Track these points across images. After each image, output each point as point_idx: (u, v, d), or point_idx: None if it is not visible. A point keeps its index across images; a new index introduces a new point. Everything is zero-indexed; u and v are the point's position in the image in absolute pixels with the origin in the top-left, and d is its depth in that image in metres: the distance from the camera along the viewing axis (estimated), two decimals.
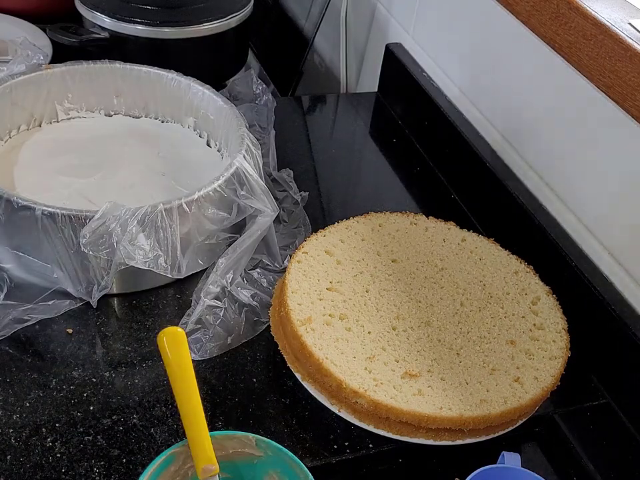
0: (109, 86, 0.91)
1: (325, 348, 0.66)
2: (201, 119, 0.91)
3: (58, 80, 0.87)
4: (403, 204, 0.95)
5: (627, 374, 0.72)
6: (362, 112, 1.13)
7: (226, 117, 0.87)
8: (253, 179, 0.77)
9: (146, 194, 0.82)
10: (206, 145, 0.92)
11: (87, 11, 1.08)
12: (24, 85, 0.84)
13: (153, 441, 0.64)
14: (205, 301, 0.72)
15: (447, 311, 0.73)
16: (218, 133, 0.89)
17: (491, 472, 0.60)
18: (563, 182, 0.82)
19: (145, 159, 0.87)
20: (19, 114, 0.86)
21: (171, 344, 0.55)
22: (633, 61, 0.67)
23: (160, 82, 0.90)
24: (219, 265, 0.74)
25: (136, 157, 0.87)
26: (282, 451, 0.57)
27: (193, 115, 0.91)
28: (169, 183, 0.85)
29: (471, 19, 0.95)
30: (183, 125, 0.93)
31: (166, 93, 0.91)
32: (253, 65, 1.45)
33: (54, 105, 0.89)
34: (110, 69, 0.90)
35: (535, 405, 0.68)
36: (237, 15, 1.13)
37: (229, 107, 0.86)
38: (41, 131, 0.89)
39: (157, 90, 0.91)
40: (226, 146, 0.88)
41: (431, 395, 0.65)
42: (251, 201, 0.76)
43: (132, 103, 0.93)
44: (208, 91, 0.89)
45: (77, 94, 0.90)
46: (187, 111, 0.92)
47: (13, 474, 0.61)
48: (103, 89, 0.91)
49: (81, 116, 0.91)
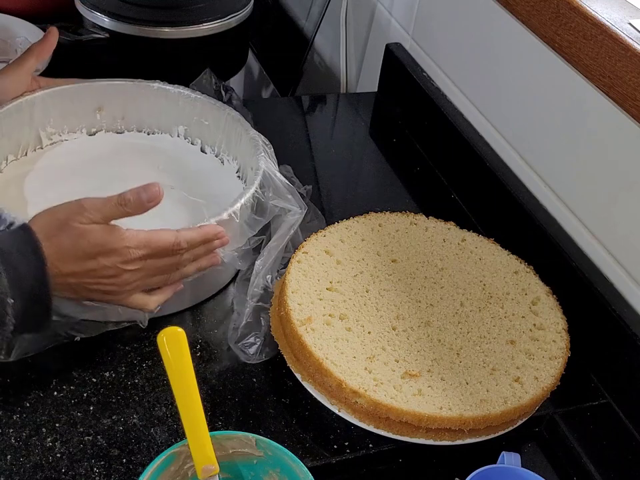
0: (90, 104, 0.87)
1: (325, 348, 0.66)
2: (194, 126, 0.89)
3: (39, 104, 0.83)
4: (403, 204, 0.95)
5: (626, 374, 0.72)
6: (362, 112, 1.13)
7: (226, 121, 0.86)
8: (278, 179, 0.76)
9: (167, 210, 0.78)
10: (200, 151, 0.90)
11: (86, 11, 1.08)
12: (8, 114, 0.80)
13: (152, 440, 0.64)
14: (251, 303, 0.73)
15: (447, 311, 0.73)
16: (215, 138, 0.88)
17: (491, 472, 0.60)
18: (563, 182, 0.82)
19: (149, 174, 0.85)
20: (6, 145, 0.82)
21: (171, 344, 0.55)
22: (633, 60, 0.67)
23: (144, 93, 0.88)
24: (258, 267, 0.74)
25: (138, 174, 0.84)
26: (282, 451, 0.57)
27: (183, 123, 0.89)
28: (181, 195, 0.83)
29: (470, 19, 0.95)
30: (171, 134, 0.90)
31: (150, 104, 0.88)
32: (252, 65, 1.46)
33: (38, 131, 0.85)
34: (89, 87, 0.86)
35: (535, 404, 0.68)
36: (237, 15, 1.13)
37: (228, 111, 0.85)
38: (32, 161, 0.85)
39: (141, 102, 0.88)
40: (227, 150, 0.87)
41: (431, 395, 0.65)
42: (278, 201, 0.76)
43: (113, 119, 0.89)
44: (200, 96, 0.87)
45: (58, 116, 0.86)
46: (176, 119, 0.89)
47: (13, 474, 0.61)
48: (83, 108, 0.87)
49: (64, 139, 0.88)
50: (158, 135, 0.91)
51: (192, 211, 0.82)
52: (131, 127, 0.91)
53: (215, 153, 0.89)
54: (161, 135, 0.91)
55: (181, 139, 0.90)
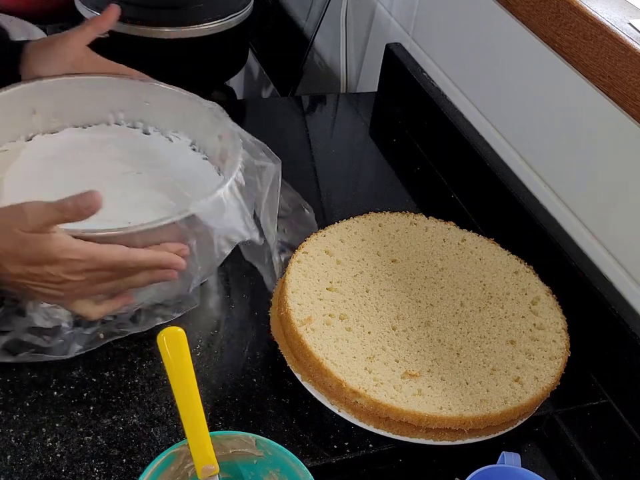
0: (25, 107, 0.82)
1: (325, 348, 0.66)
2: (134, 109, 0.86)
3: None
4: (403, 204, 0.95)
5: (626, 374, 0.72)
6: (362, 112, 1.13)
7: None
8: (250, 140, 0.78)
9: (148, 196, 0.81)
10: (143, 133, 0.87)
11: (87, 11, 1.08)
12: None
13: (153, 440, 0.64)
14: (278, 255, 0.78)
15: (447, 311, 0.73)
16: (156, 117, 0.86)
17: (491, 472, 0.60)
18: (563, 182, 0.82)
19: (116, 168, 0.84)
20: None
21: (171, 344, 0.55)
22: (633, 60, 0.67)
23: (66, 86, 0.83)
24: (266, 226, 0.77)
25: (107, 171, 0.83)
26: (282, 451, 0.57)
27: (120, 107, 0.86)
28: (152, 180, 0.84)
29: (470, 19, 0.95)
30: (108, 122, 0.87)
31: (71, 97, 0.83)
32: (252, 65, 1.46)
33: None
34: (21, 91, 0.80)
35: (535, 404, 0.68)
36: (237, 15, 1.13)
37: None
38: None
39: (71, 97, 0.84)
40: (172, 127, 0.85)
41: (431, 395, 0.65)
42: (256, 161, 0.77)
43: (47, 119, 0.84)
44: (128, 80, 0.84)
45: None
46: (110, 106, 0.86)
47: (13, 474, 0.61)
48: (19, 114, 0.81)
49: (3, 149, 0.81)
50: (95, 126, 0.87)
51: (170, 193, 0.82)
52: (64, 125, 0.86)
53: (159, 132, 0.87)
54: (97, 126, 0.87)
55: (123, 127, 0.87)
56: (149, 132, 0.88)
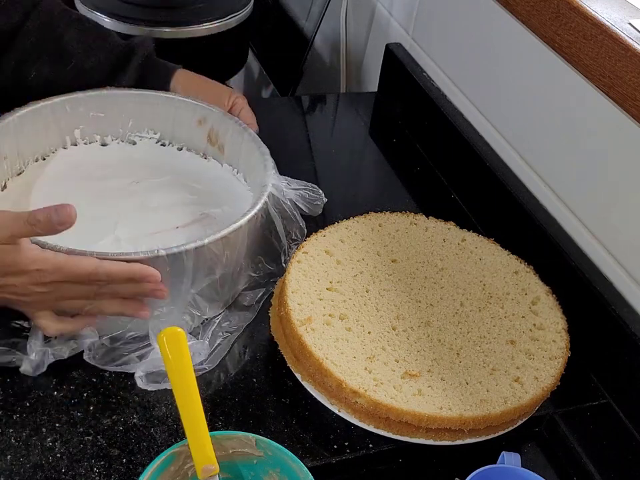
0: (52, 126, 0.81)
1: (325, 348, 0.66)
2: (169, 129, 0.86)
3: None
4: (403, 204, 0.95)
5: (627, 374, 0.72)
6: (362, 112, 1.13)
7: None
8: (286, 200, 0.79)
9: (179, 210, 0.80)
10: (177, 150, 0.87)
11: (87, 11, 1.08)
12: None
13: (153, 440, 0.64)
14: None
15: (447, 311, 0.73)
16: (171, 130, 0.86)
17: (491, 472, 0.60)
18: (563, 182, 0.82)
19: (132, 188, 0.81)
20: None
21: (171, 344, 0.55)
22: (633, 60, 0.67)
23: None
24: None
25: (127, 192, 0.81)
26: (282, 451, 0.57)
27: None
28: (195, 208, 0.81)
29: (470, 18, 0.95)
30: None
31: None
32: (252, 65, 1.46)
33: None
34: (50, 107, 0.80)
35: (535, 404, 0.68)
36: (237, 15, 1.13)
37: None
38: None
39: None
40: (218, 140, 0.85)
41: (431, 395, 0.65)
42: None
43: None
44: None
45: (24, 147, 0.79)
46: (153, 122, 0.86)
47: (13, 474, 0.60)
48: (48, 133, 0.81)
49: (21, 170, 0.81)
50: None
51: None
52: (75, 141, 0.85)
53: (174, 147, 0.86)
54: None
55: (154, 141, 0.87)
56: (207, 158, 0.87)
